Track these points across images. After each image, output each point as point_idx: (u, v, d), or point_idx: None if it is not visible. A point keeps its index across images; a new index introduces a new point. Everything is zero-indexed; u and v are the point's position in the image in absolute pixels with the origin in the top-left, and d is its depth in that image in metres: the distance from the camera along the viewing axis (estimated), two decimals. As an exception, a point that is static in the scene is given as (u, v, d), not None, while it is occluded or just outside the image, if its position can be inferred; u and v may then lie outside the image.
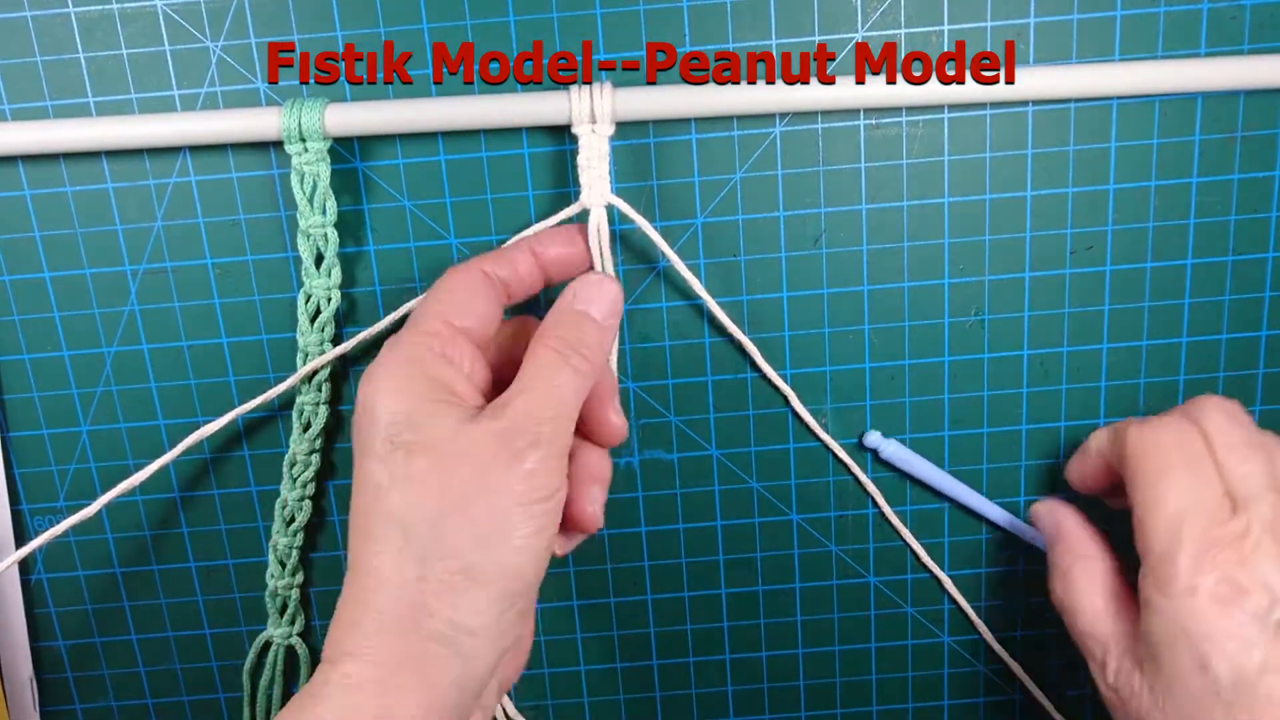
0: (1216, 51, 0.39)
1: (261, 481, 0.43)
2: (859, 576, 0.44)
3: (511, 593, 0.30)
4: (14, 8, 0.38)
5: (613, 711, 0.45)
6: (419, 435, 0.31)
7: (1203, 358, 0.41)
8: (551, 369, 0.32)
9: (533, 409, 0.31)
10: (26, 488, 0.43)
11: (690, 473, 0.43)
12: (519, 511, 0.30)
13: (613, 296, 0.34)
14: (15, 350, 0.41)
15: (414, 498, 0.30)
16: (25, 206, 0.40)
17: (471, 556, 0.30)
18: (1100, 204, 0.40)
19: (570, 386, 0.32)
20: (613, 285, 0.34)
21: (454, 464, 0.30)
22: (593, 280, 0.34)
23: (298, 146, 0.37)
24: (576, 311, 0.33)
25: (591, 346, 0.33)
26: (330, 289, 0.39)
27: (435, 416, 0.31)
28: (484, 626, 0.30)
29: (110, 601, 0.44)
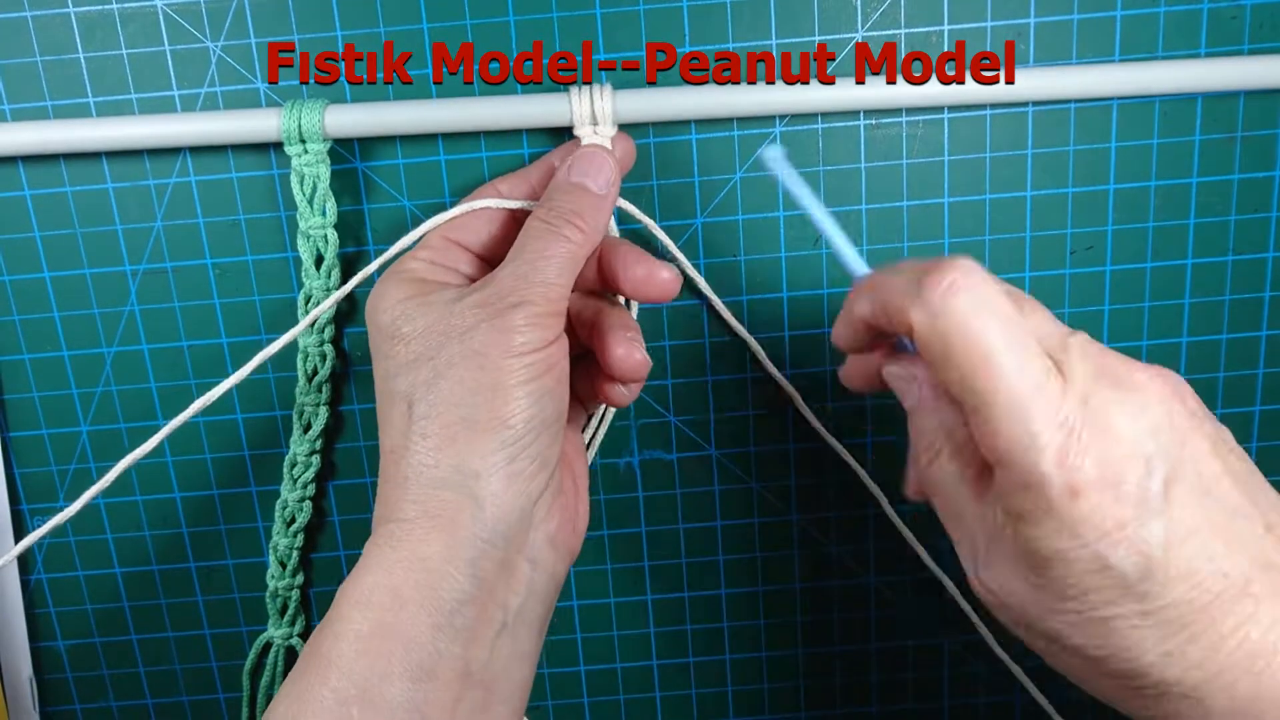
0: (1216, 52, 0.39)
1: (261, 482, 0.43)
2: (859, 576, 0.44)
3: (512, 437, 0.32)
4: (14, 8, 0.38)
5: (613, 711, 0.45)
6: (413, 325, 0.33)
7: (1203, 358, 0.41)
8: (540, 238, 0.33)
9: (518, 274, 0.33)
10: (26, 488, 0.43)
11: (690, 473, 0.43)
12: (507, 362, 0.32)
13: (609, 167, 0.35)
14: (15, 350, 0.41)
15: (413, 375, 0.33)
16: (25, 206, 0.40)
17: (466, 407, 0.32)
18: (1100, 204, 0.40)
19: (560, 252, 0.33)
20: (608, 157, 0.35)
21: (443, 336, 0.32)
22: (588, 153, 0.35)
23: (298, 148, 0.37)
24: (571, 183, 0.35)
25: (585, 215, 0.34)
26: (330, 289, 0.39)
27: (425, 305, 0.33)
28: (489, 469, 0.32)
29: (110, 602, 0.44)
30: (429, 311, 0.33)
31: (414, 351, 0.33)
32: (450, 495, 0.32)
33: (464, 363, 0.32)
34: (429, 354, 0.33)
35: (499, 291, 0.33)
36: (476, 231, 0.36)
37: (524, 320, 0.32)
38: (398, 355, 0.33)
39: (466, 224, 0.36)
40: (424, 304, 0.33)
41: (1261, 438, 0.42)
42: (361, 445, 0.42)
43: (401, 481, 0.32)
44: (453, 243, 0.36)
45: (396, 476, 0.33)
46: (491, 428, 0.32)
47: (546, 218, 0.34)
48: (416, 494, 0.32)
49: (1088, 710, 0.45)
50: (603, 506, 0.43)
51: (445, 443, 0.32)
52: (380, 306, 0.34)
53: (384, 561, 0.32)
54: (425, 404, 0.32)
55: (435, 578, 0.31)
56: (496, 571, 0.32)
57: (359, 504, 0.43)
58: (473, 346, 0.32)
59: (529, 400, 0.32)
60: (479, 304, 0.33)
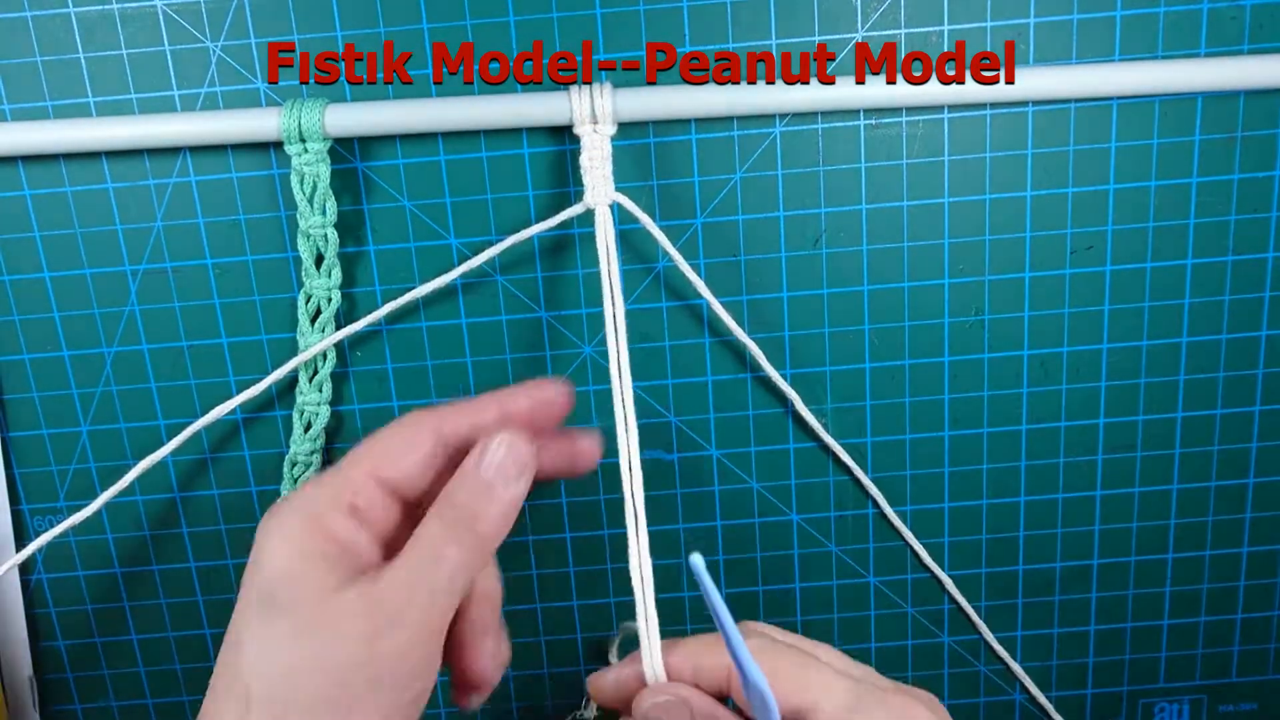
0: (1216, 52, 0.38)
1: (261, 482, 0.43)
2: (859, 576, 0.44)
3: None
4: (14, 8, 0.38)
5: (612, 712, 0.45)
6: (289, 594, 0.28)
7: (1203, 358, 0.41)
8: (436, 543, 0.29)
9: (403, 585, 0.29)
10: (26, 488, 0.43)
11: (690, 473, 0.43)
12: (370, 695, 0.28)
13: (521, 460, 0.30)
14: (15, 350, 0.41)
15: (267, 656, 0.28)
16: (25, 206, 0.40)
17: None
18: (1100, 204, 0.40)
19: (453, 564, 0.29)
20: (524, 448, 0.31)
21: (313, 629, 0.28)
22: (502, 442, 0.30)
23: (298, 147, 0.37)
24: (479, 479, 0.30)
25: (487, 520, 0.30)
26: (330, 289, 0.39)
27: (311, 575, 0.29)
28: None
29: (110, 601, 0.44)
30: (309, 587, 0.28)
31: (277, 629, 0.28)
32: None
33: (319, 681, 0.27)
34: (290, 644, 0.28)
35: (383, 600, 0.28)
36: (405, 469, 0.31)
37: (396, 647, 0.28)
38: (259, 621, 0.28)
39: (395, 456, 0.31)
40: (309, 574, 0.28)
41: (1261, 438, 0.42)
42: (361, 445, 0.42)
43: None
44: (377, 482, 0.30)
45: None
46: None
47: (443, 513, 0.30)
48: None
49: (1088, 710, 0.45)
50: (603, 506, 0.43)
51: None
52: (266, 550, 0.29)
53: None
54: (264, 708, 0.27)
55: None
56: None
57: (359, 504, 0.43)
58: (337, 662, 0.28)
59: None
60: (363, 609, 0.28)
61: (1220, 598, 0.44)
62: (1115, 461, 0.43)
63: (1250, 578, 0.44)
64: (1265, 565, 0.44)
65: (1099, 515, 0.43)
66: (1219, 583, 0.44)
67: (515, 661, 0.45)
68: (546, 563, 0.44)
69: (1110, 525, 0.43)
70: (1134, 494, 0.43)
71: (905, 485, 0.43)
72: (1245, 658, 0.45)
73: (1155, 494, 0.43)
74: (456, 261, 0.40)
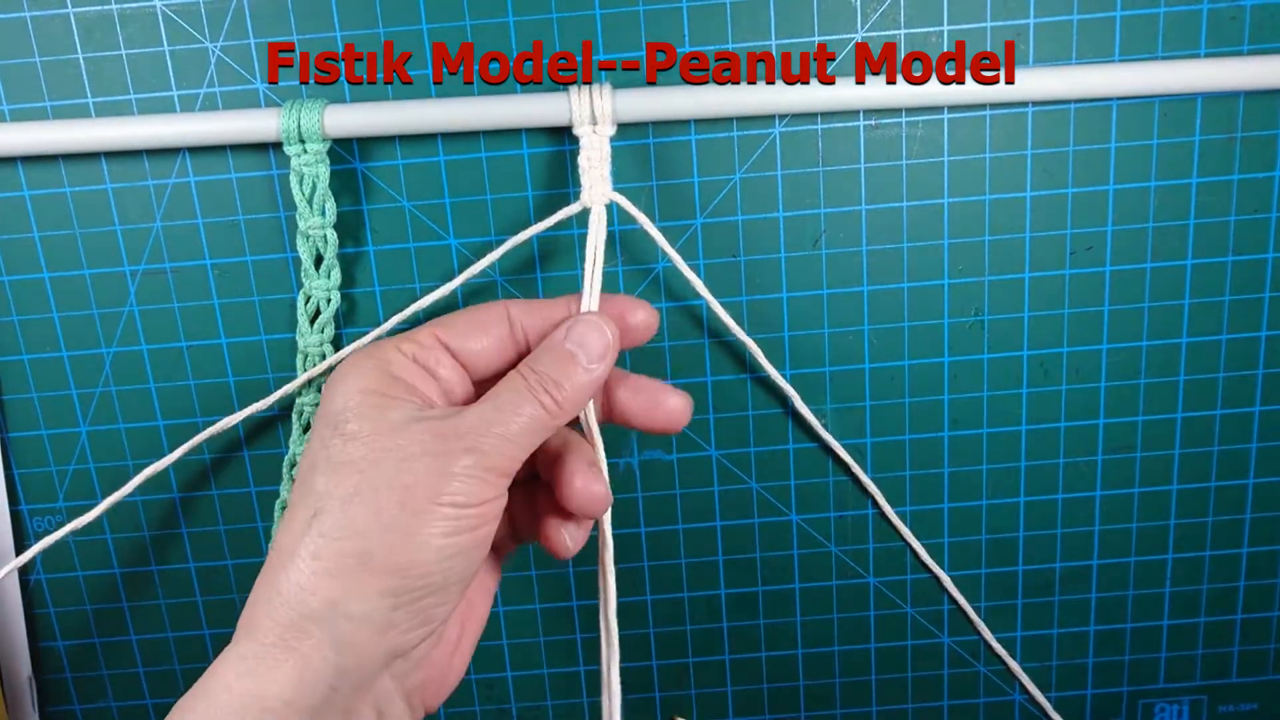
0: (1216, 52, 0.38)
1: (261, 482, 0.43)
2: (859, 577, 0.44)
3: (403, 588, 0.29)
4: (13, 8, 0.38)
5: (612, 712, 0.45)
6: (362, 425, 0.30)
7: (1203, 358, 0.41)
8: (518, 396, 0.31)
9: (482, 422, 0.30)
10: (26, 488, 0.43)
11: (690, 473, 0.43)
12: (433, 509, 0.29)
13: (605, 343, 0.33)
14: (14, 351, 0.41)
15: (335, 480, 0.30)
16: (24, 207, 0.40)
17: (369, 541, 0.29)
18: (1100, 204, 0.40)
19: (530, 417, 0.31)
20: (608, 331, 0.33)
21: (383, 453, 0.30)
22: (590, 321, 0.33)
23: (297, 148, 0.37)
24: (565, 350, 0.32)
25: (567, 389, 0.32)
26: (330, 290, 0.39)
27: (383, 409, 0.31)
28: (365, 615, 0.29)
29: (110, 602, 0.44)
30: (382, 419, 0.31)
31: (349, 454, 0.30)
32: (314, 630, 0.29)
33: (388, 492, 0.29)
34: (360, 465, 0.30)
35: (457, 429, 0.30)
36: (470, 342, 0.33)
37: (468, 469, 0.30)
38: (331, 449, 0.31)
39: (462, 330, 0.33)
40: (380, 407, 0.31)
41: (1261, 439, 0.42)
42: (361, 445, 0.42)
43: (274, 594, 0.30)
44: (442, 345, 0.33)
45: (272, 584, 0.30)
46: (385, 572, 0.29)
47: (529, 374, 0.32)
48: (283, 615, 0.29)
49: (1088, 710, 0.45)
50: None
51: (332, 572, 0.29)
52: (338, 389, 0.32)
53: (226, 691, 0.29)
54: (331, 520, 0.30)
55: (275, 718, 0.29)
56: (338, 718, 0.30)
57: (359, 504, 0.43)
58: (404, 479, 0.29)
59: (435, 556, 0.30)
60: (432, 433, 0.30)
61: (1220, 598, 0.44)
62: (1115, 462, 0.43)
63: (1250, 578, 0.44)
64: (1265, 565, 0.44)
65: (1099, 516, 0.43)
66: (1219, 583, 0.44)
67: (515, 661, 0.45)
68: (546, 564, 0.44)
69: (1110, 526, 0.43)
70: (1134, 494, 0.43)
71: (905, 486, 0.43)
72: (1245, 658, 0.45)
73: (1155, 494, 0.43)
74: (456, 262, 0.40)
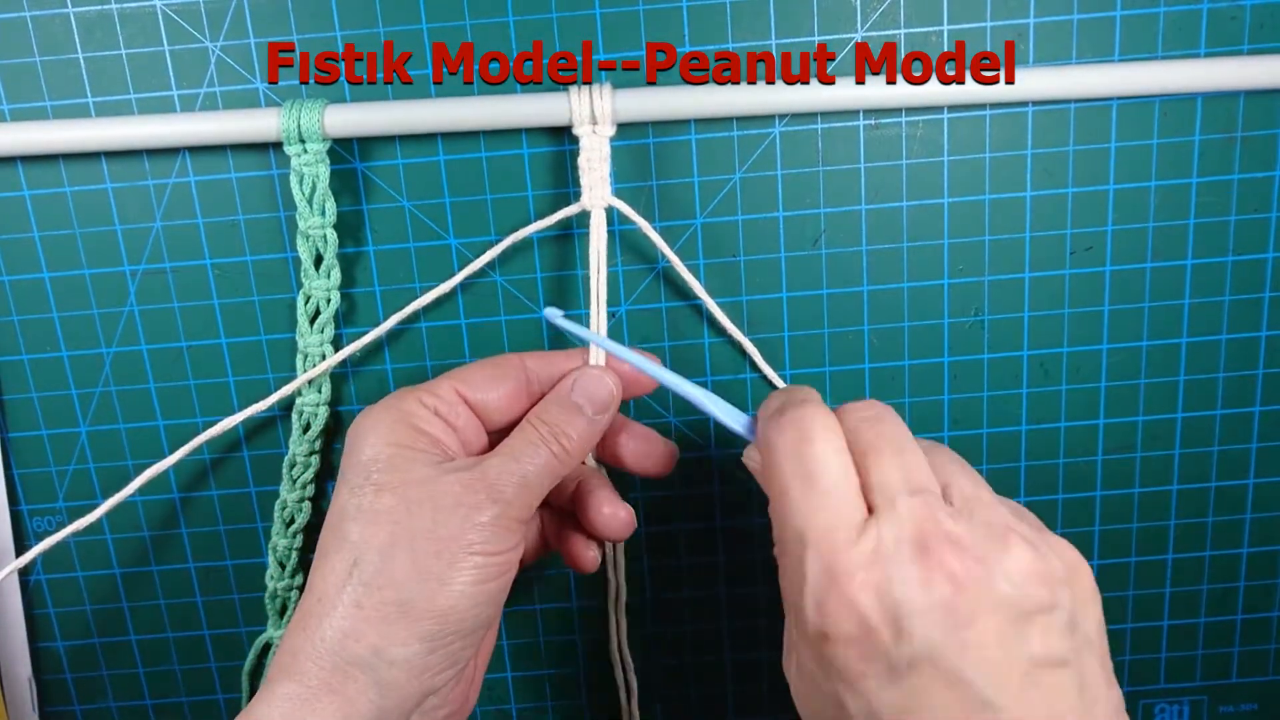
0: (1216, 52, 0.38)
1: (261, 483, 0.43)
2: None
3: (440, 633, 0.32)
4: (13, 8, 0.38)
5: (612, 712, 0.45)
6: (391, 476, 0.33)
7: (1203, 358, 0.41)
8: (532, 446, 0.34)
9: (503, 472, 0.33)
10: (26, 488, 0.43)
11: (690, 473, 0.43)
12: (464, 557, 0.32)
13: (608, 393, 0.36)
14: (14, 351, 0.41)
15: (371, 530, 0.32)
16: (24, 207, 0.40)
17: (408, 590, 0.31)
18: (1100, 204, 0.40)
19: (544, 465, 0.34)
20: (610, 382, 0.36)
21: (415, 504, 0.32)
22: (593, 375, 0.36)
23: (297, 147, 0.37)
24: (571, 402, 0.35)
25: (574, 438, 0.34)
26: (330, 290, 0.39)
27: (411, 462, 0.33)
28: (406, 659, 0.31)
29: (110, 602, 0.44)
30: (411, 470, 0.33)
31: (381, 504, 0.32)
32: (358, 674, 0.31)
33: (424, 542, 0.32)
34: (394, 515, 0.32)
35: (483, 480, 0.33)
36: (487, 394, 0.35)
37: (495, 518, 0.32)
38: (363, 499, 0.32)
39: (479, 383, 0.36)
40: (408, 460, 0.33)
41: (1261, 439, 0.42)
42: (361, 445, 0.42)
43: (318, 639, 0.31)
44: (460, 398, 0.35)
45: (314, 629, 0.31)
46: (424, 618, 0.31)
47: (539, 426, 0.34)
48: (326, 659, 0.31)
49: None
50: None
51: (374, 620, 0.31)
52: (366, 440, 0.33)
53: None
54: (371, 569, 0.31)
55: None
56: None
57: (358, 504, 0.43)
58: (439, 531, 0.32)
59: (468, 602, 0.32)
60: (461, 484, 0.32)
61: (1220, 598, 0.44)
62: (1115, 462, 0.43)
63: (1250, 578, 0.44)
64: (1265, 565, 0.44)
65: (1099, 515, 0.43)
66: (1219, 583, 0.44)
67: (515, 662, 0.45)
68: (546, 564, 0.44)
69: (1110, 525, 0.43)
70: (1134, 494, 0.43)
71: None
72: (1245, 658, 0.45)
73: (1155, 494, 0.43)
74: (456, 262, 0.40)
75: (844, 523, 0.29)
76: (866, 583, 0.28)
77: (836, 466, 0.29)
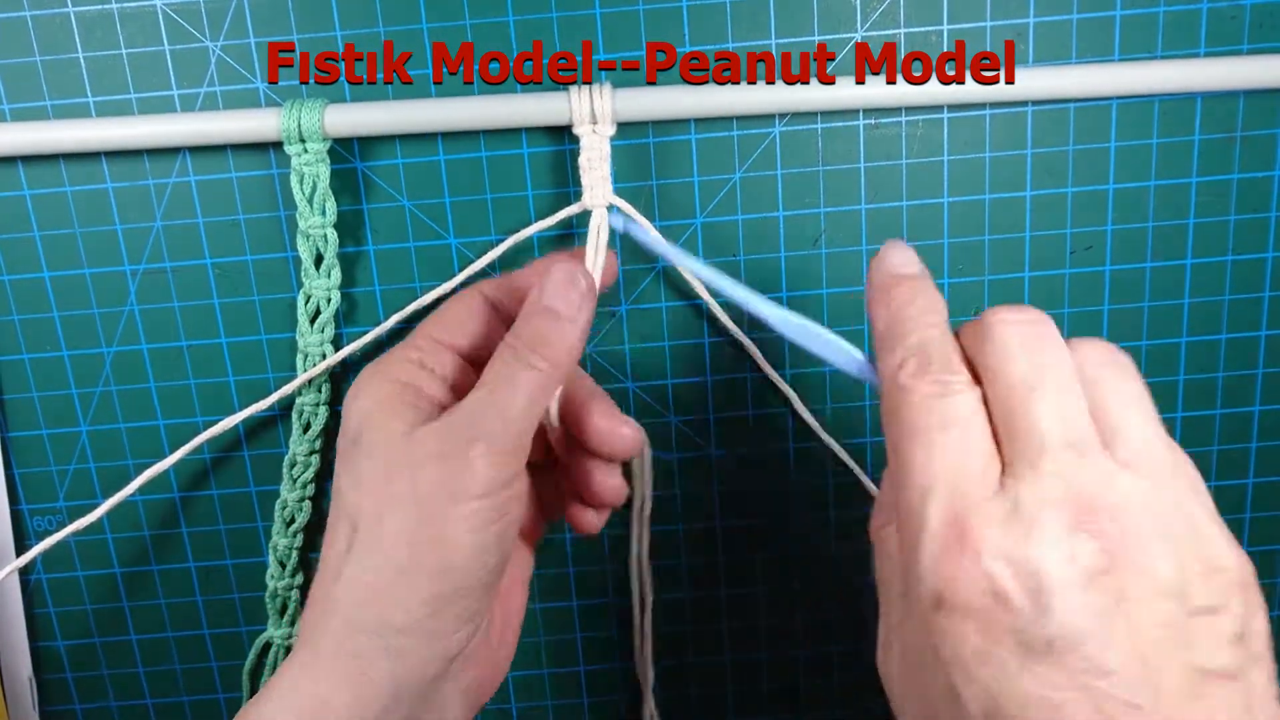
0: (1216, 51, 0.39)
1: (261, 482, 0.43)
2: (858, 577, 0.44)
3: (443, 594, 0.30)
4: (13, 7, 0.38)
5: (612, 712, 0.45)
6: (373, 436, 0.31)
7: (1203, 358, 0.41)
8: (507, 369, 0.31)
9: (480, 408, 0.31)
10: (26, 488, 0.43)
11: (690, 473, 0.43)
12: (453, 508, 0.30)
13: (580, 290, 0.32)
14: (14, 350, 0.41)
15: (360, 496, 0.31)
16: (25, 206, 0.40)
17: (402, 554, 0.30)
18: (1100, 204, 0.40)
19: (526, 385, 0.31)
20: (580, 279, 0.33)
21: (397, 465, 0.31)
22: (559, 275, 0.33)
23: (297, 147, 0.37)
24: (541, 308, 0.32)
25: (553, 344, 0.32)
26: (330, 290, 0.39)
27: (391, 419, 0.31)
28: (412, 625, 0.30)
29: (110, 602, 0.44)
30: (390, 428, 0.31)
31: (368, 469, 0.31)
32: (368, 642, 0.30)
33: (408, 509, 0.30)
34: (379, 479, 0.31)
35: (457, 424, 0.31)
36: (467, 333, 0.34)
37: (480, 457, 0.30)
38: (352, 467, 0.32)
39: (456, 324, 0.34)
40: (388, 417, 0.31)
41: (1261, 438, 0.42)
42: (361, 445, 0.42)
43: (329, 607, 0.31)
44: (440, 344, 0.34)
45: (325, 598, 0.31)
46: (422, 583, 0.30)
47: (514, 344, 0.32)
48: (337, 628, 0.30)
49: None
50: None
51: (377, 589, 0.30)
52: (352, 407, 0.33)
53: (293, 693, 0.30)
54: (368, 537, 0.31)
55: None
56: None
57: (359, 504, 0.43)
58: (420, 489, 0.30)
59: (467, 555, 0.30)
60: (436, 435, 0.31)
61: (1220, 598, 0.44)
62: (1115, 461, 0.43)
63: (1250, 578, 0.44)
64: (1265, 565, 0.44)
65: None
66: (1219, 583, 0.44)
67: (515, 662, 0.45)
68: (546, 563, 0.44)
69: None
70: (1134, 494, 0.43)
71: (905, 485, 0.43)
72: (1245, 658, 0.45)
73: (1155, 494, 0.43)
74: (456, 262, 0.40)
75: (979, 473, 0.25)
76: (1001, 544, 0.23)
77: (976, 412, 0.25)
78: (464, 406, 0.31)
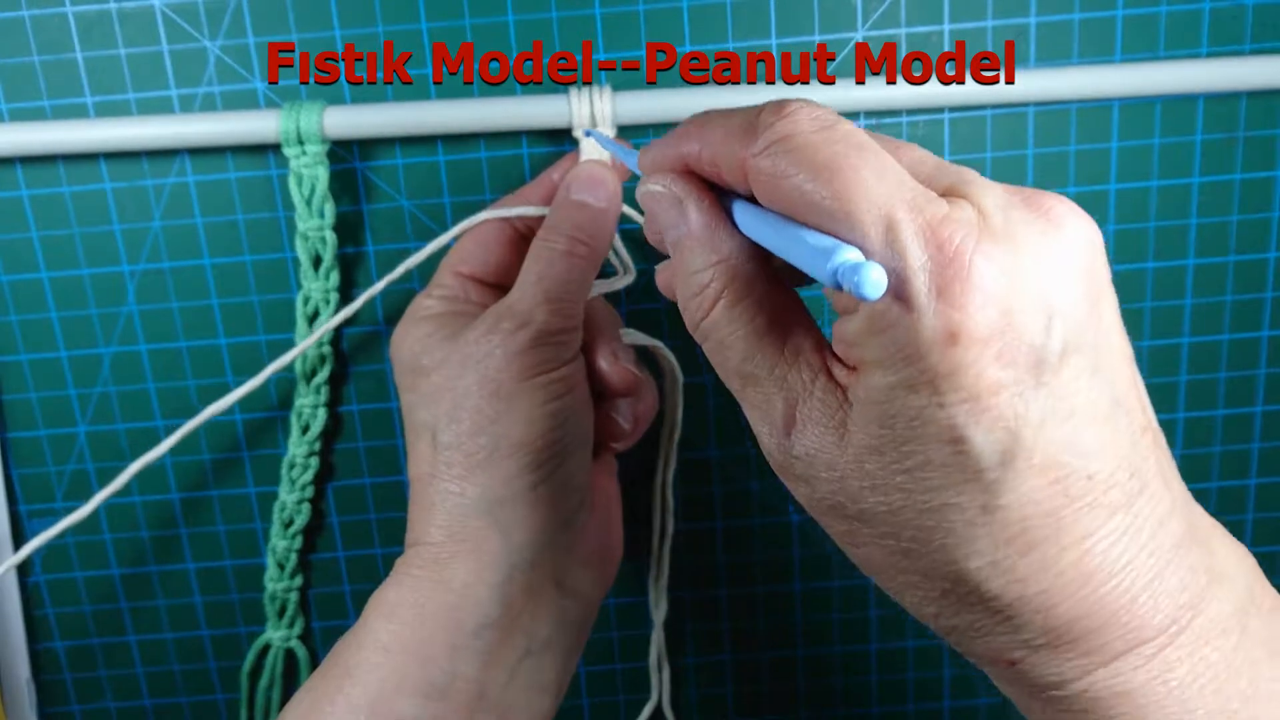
0: (1218, 52, 0.38)
1: (260, 484, 0.43)
2: (859, 577, 0.44)
3: (536, 464, 0.32)
4: (12, 7, 0.38)
5: (611, 712, 0.45)
6: (431, 357, 0.34)
7: (1203, 358, 0.41)
8: (545, 257, 0.34)
9: (524, 295, 0.33)
10: (24, 488, 0.42)
11: (691, 473, 0.43)
12: (522, 386, 0.32)
13: (608, 182, 0.35)
14: (13, 351, 0.41)
15: (435, 407, 0.33)
16: (23, 207, 0.40)
17: (487, 435, 0.32)
18: (1101, 204, 0.40)
19: (565, 268, 0.33)
20: (606, 172, 0.35)
21: (457, 365, 0.33)
22: (586, 170, 0.35)
23: (296, 149, 0.37)
24: (572, 201, 0.35)
25: (587, 230, 0.34)
26: (328, 291, 0.39)
27: (442, 339, 0.34)
28: (513, 495, 0.32)
29: (108, 603, 0.44)
30: (446, 343, 0.34)
31: (434, 384, 0.33)
32: (477, 522, 0.32)
33: (480, 391, 0.32)
34: (448, 384, 0.33)
35: (507, 314, 0.33)
36: (483, 261, 0.37)
37: (533, 341, 0.32)
38: (419, 388, 0.34)
39: (472, 255, 0.37)
40: (441, 339, 0.34)
41: (1263, 438, 0.42)
42: (360, 446, 0.42)
43: (429, 507, 0.33)
44: (462, 277, 0.36)
45: (424, 502, 0.33)
46: (513, 454, 0.32)
47: (549, 238, 0.34)
48: (443, 519, 0.33)
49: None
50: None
51: (469, 471, 0.33)
52: (401, 346, 0.35)
53: (411, 577, 0.33)
54: (449, 433, 0.33)
55: (459, 598, 0.32)
56: (524, 597, 0.32)
57: (357, 506, 0.43)
58: (487, 374, 0.33)
59: (549, 424, 0.33)
60: (489, 329, 0.33)
61: (1221, 598, 0.44)
62: (1116, 462, 0.42)
63: (1251, 578, 0.44)
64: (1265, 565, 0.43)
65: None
66: (1219, 583, 0.44)
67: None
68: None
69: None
70: (1134, 495, 0.43)
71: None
72: (1246, 658, 0.45)
73: (1156, 495, 0.43)
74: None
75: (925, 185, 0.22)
76: (992, 253, 0.20)
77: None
78: (508, 299, 0.33)
